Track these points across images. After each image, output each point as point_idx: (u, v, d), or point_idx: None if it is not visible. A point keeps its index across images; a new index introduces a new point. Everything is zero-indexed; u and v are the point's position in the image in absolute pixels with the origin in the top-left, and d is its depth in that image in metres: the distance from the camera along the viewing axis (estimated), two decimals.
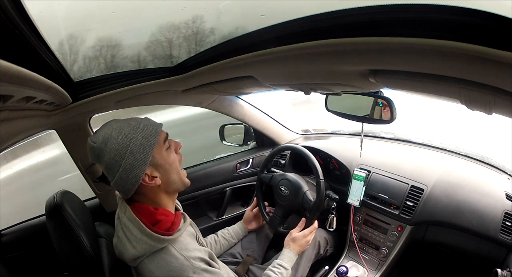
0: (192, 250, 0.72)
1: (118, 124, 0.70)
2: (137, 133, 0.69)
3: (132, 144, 0.68)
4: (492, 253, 1.00)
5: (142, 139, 0.69)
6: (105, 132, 0.69)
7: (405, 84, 0.57)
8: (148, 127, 0.71)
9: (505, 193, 1.04)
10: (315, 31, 0.49)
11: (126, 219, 0.72)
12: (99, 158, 0.70)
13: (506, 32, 0.32)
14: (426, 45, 0.37)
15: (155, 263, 0.69)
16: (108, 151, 0.68)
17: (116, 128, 0.69)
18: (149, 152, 0.69)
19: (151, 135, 0.70)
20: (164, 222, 0.72)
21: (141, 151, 0.68)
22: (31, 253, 1.20)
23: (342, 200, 1.27)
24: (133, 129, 0.69)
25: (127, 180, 0.68)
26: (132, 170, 0.68)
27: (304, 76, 0.74)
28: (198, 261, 0.70)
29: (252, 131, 1.60)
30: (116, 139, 0.68)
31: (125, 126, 0.69)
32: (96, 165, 1.19)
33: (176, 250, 0.70)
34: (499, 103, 0.45)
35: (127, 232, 0.71)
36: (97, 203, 1.29)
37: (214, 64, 0.75)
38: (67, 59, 0.78)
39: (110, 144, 0.67)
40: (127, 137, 0.68)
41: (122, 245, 0.72)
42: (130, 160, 0.67)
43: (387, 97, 0.94)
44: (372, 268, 1.21)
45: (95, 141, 0.69)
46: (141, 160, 0.68)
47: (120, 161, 0.67)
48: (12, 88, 0.44)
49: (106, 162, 0.69)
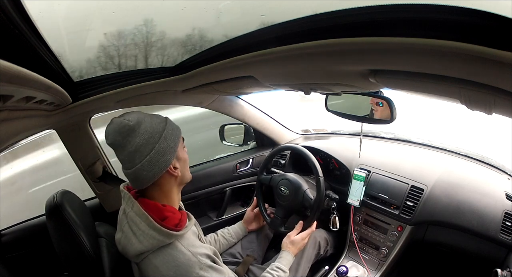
0: (198, 246, 0.73)
1: (144, 114, 0.74)
2: (167, 124, 0.74)
3: (166, 130, 0.72)
4: (492, 253, 1.00)
5: (171, 130, 0.74)
6: (138, 115, 0.72)
7: (405, 84, 0.57)
8: (171, 122, 0.77)
9: (505, 193, 1.04)
10: (315, 31, 0.49)
11: (133, 214, 0.71)
12: (128, 138, 0.69)
13: (506, 32, 0.32)
14: (426, 45, 0.37)
15: (160, 258, 0.69)
16: (142, 133, 0.69)
17: (147, 116, 0.74)
18: (178, 142, 0.75)
19: (177, 128, 0.77)
20: (172, 218, 0.73)
21: (173, 138, 0.73)
22: (31, 253, 1.20)
23: (342, 200, 1.27)
24: (162, 121, 0.74)
25: (156, 163, 0.70)
26: (164, 155, 0.71)
27: (304, 76, 0.74)
28: (204, 258, 0.71)
29: (252, 131, 1.60)
30: (150, 123, 0.71)
31: (154, 118, 0.74)
32: (96, 165, 1.19)
33: (183, 246, 0.71)
34: (499, 103, 0.45)
35: (134, 227, 0.71)
36: (97, 203, 1.29)
37: (214, 64, 0.75)
38: (67, 59, 0.78)
39: (144, 126, 0.70)
40: (160, 125, 0.73)
41: (127, 240, 0.72)
42: (164, 145, 0.71)
43: (387, 97, 0.94)
44: (372, 268, 1.21)
45: (131, 119, 0.70)
46: (173, 147, 0.73)
47: (154, 144, 0.70)
48: (12, 88, 0.44)
49: (137, 144, 0.69)
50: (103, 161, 1.22)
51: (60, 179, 2.74)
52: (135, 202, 0.72)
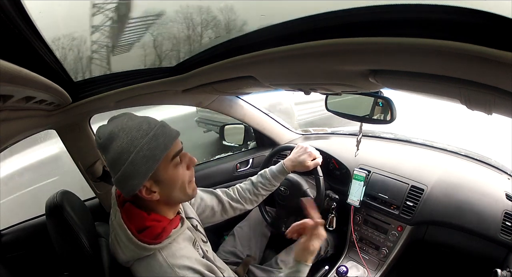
0: (179, 257, 0.68)
1: (129, 122, 0.65)
2: (143, 142, 0.62)
3: (135, 153, 0.62)
4: (492, 253, 0.99)
5: (147, 151, 0.62)
6: (113, 128, 0.64)
7: (405, 84, 0.57)
8: (158, 138, 0.64)
9: (505, 193, 1.04)
10: (315, 31, 0.49)
11: (116, 224, 0.71)
12: (104, 152, 0.66)
13: (506, 32, 0.32)
14: (426, 45, 0.37)
15: (142, 266, 0.69)
16: (112, 150, 0.63)
17: (125, 128, 0.63)
18: (152, 167, 0.63)
19: (158, 149, 0.64)
20: (154, 228, 0.68)
21: (143, 163, 0.62)
22: (31, 253, 1.20)
23: (342, 200, 1.27)
24: (141, 136, 0.63)
25: (124, 186, 0.65)
26: (129, 179, 0.63)
27: (304, 76, 0.74)
28: (183, 270, 0.66)
29: (252, 131, 1.60)
30: (121, 141, 0.62)
31: (135, 129, 0.63)
32: (96, 165, 1.19)
33: (162, 257, 0.67)
34: (499, 103, 0.45)
35: (117, 237, 0.70)
36: (97, 203, 1.29)
37: (214, 64, 0.75)
38: (67, 59, 0.78)
39: (114, 144, 0.63)
40: (132, 144, 0.62)
41: (114, 248, 0.71)
42: (129, 169, 0.62)
43: (387, 97, 0.94)
44: (372, 268, 1.21)
45: (101, 136, 0.65)
46: (141, 173, 0.63)
47: (120, 165, 0.63)
48: (12, 88, 0.44)
49: (109, 160, 0.65)
50: (103, 161, 1.22)
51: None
52: (118, 211, 0.71)
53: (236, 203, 1.03)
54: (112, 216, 0.74)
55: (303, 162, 1.10)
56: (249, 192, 1.06)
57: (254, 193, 1.06)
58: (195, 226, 0.84)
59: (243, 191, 1.06)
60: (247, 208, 1.06)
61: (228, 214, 1.03)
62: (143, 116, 0.68)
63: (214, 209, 1.00)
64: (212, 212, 1.00)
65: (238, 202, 1.03)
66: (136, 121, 0.65)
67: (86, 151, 1.17)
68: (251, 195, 1.05)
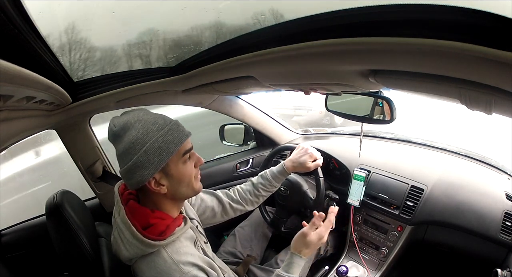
0: (183, 253, 0.69)
1: (145, 116, 0.67)
2: (158, 134, 0.66)
3: (150, 143, 0.64)
4: (492, 253, 0.99)
5: (161, 143, 0.65)
6: (129, 119, 0.66)
7: (405, 84, 0.57)
8: (173, 133, 0.67)
9: (505, 193, 1.04)
10: (315, 31, 0.49)
11: (120, 220, 0.71)
12: (115, 142, 0.68)
13: (506, 32, 0.32)
14: (426, 45, 0.37)
15: (145, 263, 0.69)
16: (125, 140, 0.65)
17: (141, 120, 0.66)
18: (164, 159, 0.66)
19: (173, 142, 0.67)
20: (158, 225, 0.69)
21: (157, 154, 0.65)
22: (31, 253, 1.20)
23: (342, 200, 1.27)
24: (157, 129, 0.66)
25: (133, 176, 0.66)
26: (140, 169, 0.65)
27: (304, 76, 0.74)
28: (188, 266, 0.67)
29: (252, 131, 1.60)
30: (137, 131, 0.65)
31: (151, 122, 0.66)
32: (96, 165, 1.19)
33: (167, 253, 0.68)
34: (499, 103, 0.45)
35: (121, 234, 0.70)
36: (97, 203, 1.29)
37: (214, 64, 0.75)
38: (67, 59, 0.78)
39: (129, 133, 0.65)
40: (148, 135, 0.65)
41: (117, 245, 0.72)
42: (142, 159, 0.65)
43: (387, 97, 0.94)
44: (372, 268, 1.21)
45: (116, 125, 0.67)
46: (153, 163, 0.65)
47: (133, 155, 0.65)
48: (12, 88, 0.44)
49: (120, 150, 0.67)
50: (103, 161, 1.22)
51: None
52: (121, 208, 0.71)
53: (237, 204, 1.03)
54: (115, 214, 0.74)
55: (304, 163, 1.09)
56: (249, 193, 1.06)
57: (255, 194, 1.06)
58: (196, 227, 0.85)
59: (243, 192, 1.06)
60: (248, 209, 1.06)
61: (229, 215, 1.03)
62: (158, 113, 0.71)
63: (214, 210, 1.00)
64: (213, 213, 1.00)
65: (238, 203, 1.04)
66: (151, 116, 0.69)
67: (86, 151, 1.17)
68: (251, 196, 1.06)
